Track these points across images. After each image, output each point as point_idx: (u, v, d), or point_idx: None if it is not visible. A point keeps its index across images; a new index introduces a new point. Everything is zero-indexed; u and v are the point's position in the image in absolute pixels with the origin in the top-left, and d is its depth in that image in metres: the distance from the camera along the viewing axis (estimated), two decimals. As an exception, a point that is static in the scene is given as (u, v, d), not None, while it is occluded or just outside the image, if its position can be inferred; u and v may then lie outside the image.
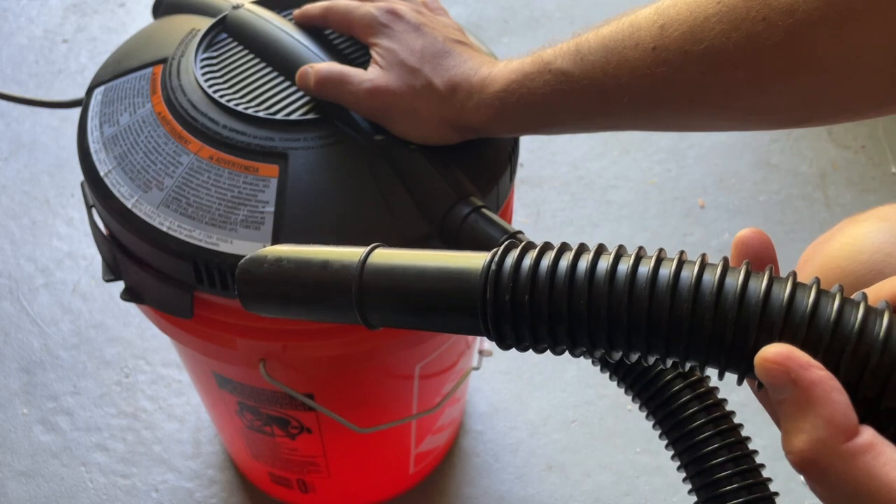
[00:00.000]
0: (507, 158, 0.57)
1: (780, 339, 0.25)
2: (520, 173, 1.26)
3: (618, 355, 0.29)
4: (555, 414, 1.00)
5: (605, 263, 0.28)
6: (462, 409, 0.97)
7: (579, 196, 1.24)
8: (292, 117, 0.54)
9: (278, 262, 0.35)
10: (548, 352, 0.30)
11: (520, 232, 0.48)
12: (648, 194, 1.25)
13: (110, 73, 0.61)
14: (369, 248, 0.33)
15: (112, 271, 0.59)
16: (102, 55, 1.44)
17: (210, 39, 0.60)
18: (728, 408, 0.39)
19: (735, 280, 0.26)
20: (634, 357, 0.28)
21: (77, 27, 1.54)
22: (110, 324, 1.08)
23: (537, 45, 0.49)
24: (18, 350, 1.06)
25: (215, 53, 0.60)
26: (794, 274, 0.26)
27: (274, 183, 0.51)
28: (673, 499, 0.93)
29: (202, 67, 0.58)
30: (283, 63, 0.58)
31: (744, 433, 0.38)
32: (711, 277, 0.26)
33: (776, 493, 0.37)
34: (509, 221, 0.56)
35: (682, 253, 0.28)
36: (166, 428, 0.98)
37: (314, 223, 0.50)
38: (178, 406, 1.00)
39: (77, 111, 0.62)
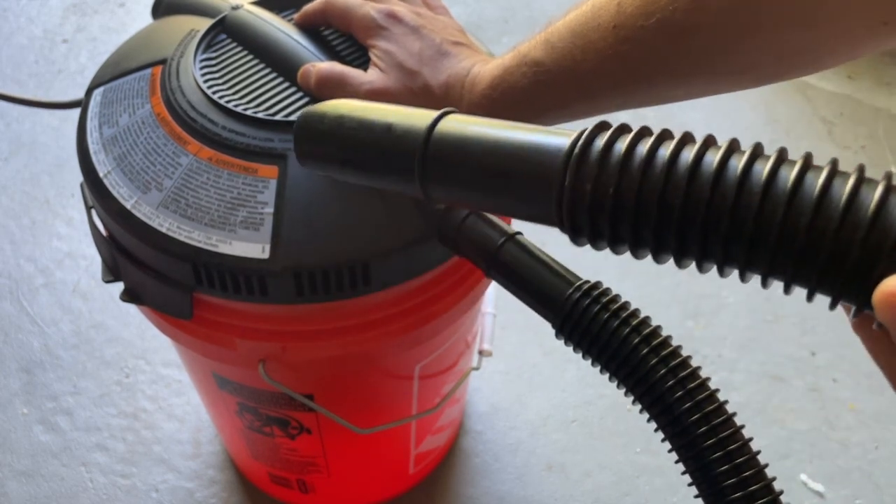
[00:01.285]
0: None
1: None
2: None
3: (709, 267, 0.24)
4: (555, 414, 1.00)
5: (712, 157, 0.23)
6: (462, 410, 0.97)
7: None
8: (292, 118, 0.54)
9: (339, 119, 0.32)
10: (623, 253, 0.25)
11: (519, 233, 0.48)
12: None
13: (110, 74, 0.61)
14: (440, 112, 0.30)
15: (111, 272, 0.59)
16: (102, 55, 1.44)
17: (209, 40, 0.60)
18: (728, 408, 0.38)
19: (872, 193, 0.21)
20: (729, 271, 0.24)
21: (77, 27, 1.54)
22: (110, 324, 1.08)
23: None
24: (18, 350, 1.06)
25: (214, 54, 0.59)
26: None
27: (273, 184, 0.51)
28: (673, 499, 0.93)
29: (201, 68, 0.58)
30: (282, 64, 0.57)
31: (744, 432, 0.38)
32: (842, 186, 0.22)
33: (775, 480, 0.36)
34: (508, 223, 0.56)
35: (808, 155, 0.23)
36: (166, 428, 0.98)
37: (313, 224, 0.50)
38: (178, 406, 1.00)
39: (77, 111, 0.62)
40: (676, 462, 0.38)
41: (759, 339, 1.04)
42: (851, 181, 0.22)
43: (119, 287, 0.59)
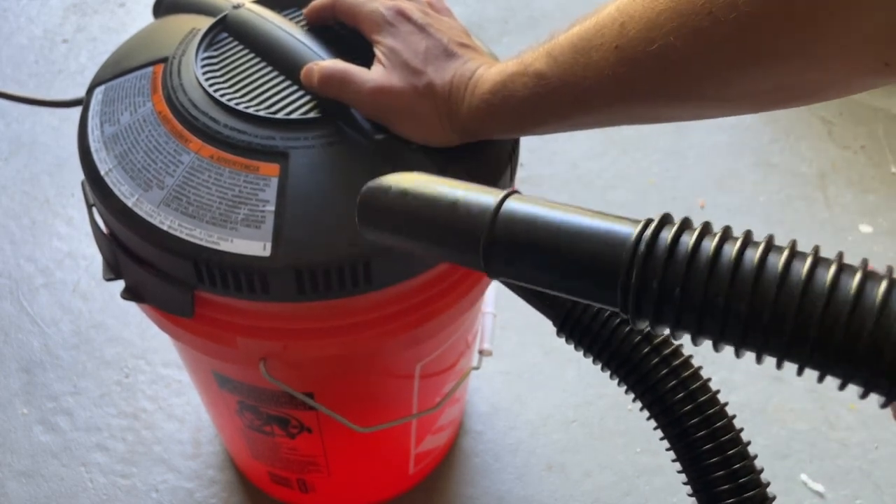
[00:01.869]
0: (507, 158, 0.57)
1: None
2: (520, 173, 1.26)
3: (765, 359, 0.27)
4: (555, 414, 1.00)
5: (776, 260, 0.25)
6: (462, 409, 0.97)
7: (579, 196, 1.25)
8: (293, 116, 0.54)
9: (403, 194, 0.33)
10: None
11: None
12: (648, 194, 1.25)
13: (111, 73, 0.61)
14: (506, 192, 0.31)
15: (112, 270, 0.59)
16: (102, 55, 1.44)
17: (211, 39, 0.60)
18: (729, 409, 0.38)
19: None
20: (776, 361, 0.27)
21: (77, 27, 1.54)
22: (110, 324, 1.08)
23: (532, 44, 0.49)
24: (18, 350, 1.06)
25: (216, 53, 0.60)
26: None
27: (274, 182, 0.51)
28: (673, 499, 0.93)
29: (203, 67, 0.58)
30: (283, 62, 0.58)
31: (745, 433, 0.38)
32: (875, 289, 0.24)
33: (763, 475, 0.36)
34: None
35: (840, 255, 0.26)
36: (166, 428, 0.98)
37: (315, 222, 0.50)
38: (178, 406, 1.00)
39: (77, 111, 0.62)
40: (674, 461, 0.38)
41: (759, 339, 1.03)
42: (884, 286, 0.24)
43: (120, 286, 0.59)
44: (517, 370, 1.04)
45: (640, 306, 0.28)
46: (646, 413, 0.39)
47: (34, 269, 1.14)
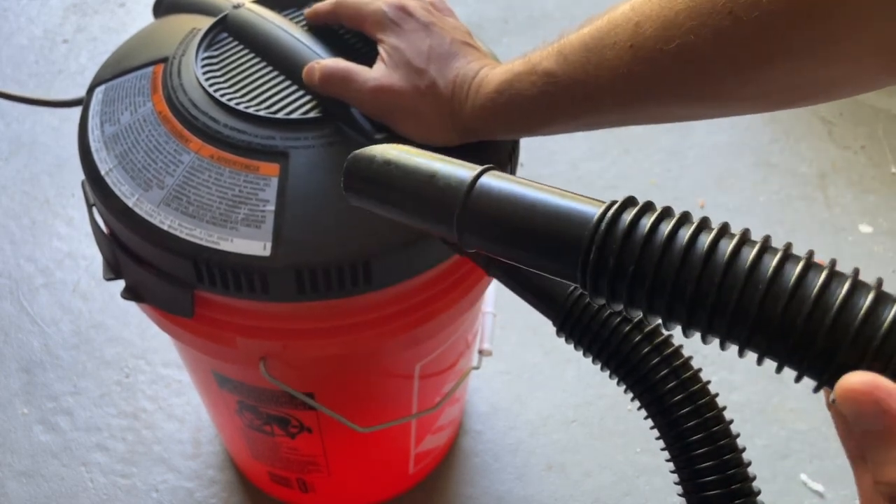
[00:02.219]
0: (507, 158, 0.57)
1: (873, 361, 0.24)
2: (520, 173, 1.25)
3: (706, 337, 0.28)
4: (555, 414, 1.00)
5: (726, 244, 0.27)
6: (462, 409, 0.97)
7: (579, 196, 1.24)
8: (293, 116, 0.54)
9: (386, 164, 0.35)
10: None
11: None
12: (649, 194, 1.24)
13: (111, 72, 0.61)
14: (482, 168, 0.33)
15: (112, 270, 0.59)
16: (102, 55, 1.44)
17: (211, 39, 0.60)
18: (729, 409, 0.38)
19: (840, 286, 0.25)
20: (710, 339, 0.28)
21: (77, 27, 1.54)
22: (110, 324, 1.08)
23: (537, 45, 0.49)
24: (18, 350, 1.06)
25: (216, 53, 0.60)
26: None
27: (275, 182, 0.51)
28: (673, 499, 0.93)
29: (203, 66, 0.58)
30: (283, 62, 0.58)
31: (744, 433, 0.38)
32: (816, 279, 0.25)
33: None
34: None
35: (788, 245, 0.27)
36: (166, 428, 0.98)
37: (315, 222, 0.50)
38: (178, 406, 1.00)
39: (77, 111, 0.62)
40: (668, 461, 0.38)
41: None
42: (823, 276, 0.25)
43: (120, 286, 0.59)
44: (517, 370, 1.04)
45: (597, 283, 0.29)
46: (645, 413, 0.39)
47: (34, 269, 1.14)
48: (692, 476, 0.37)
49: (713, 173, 1.29)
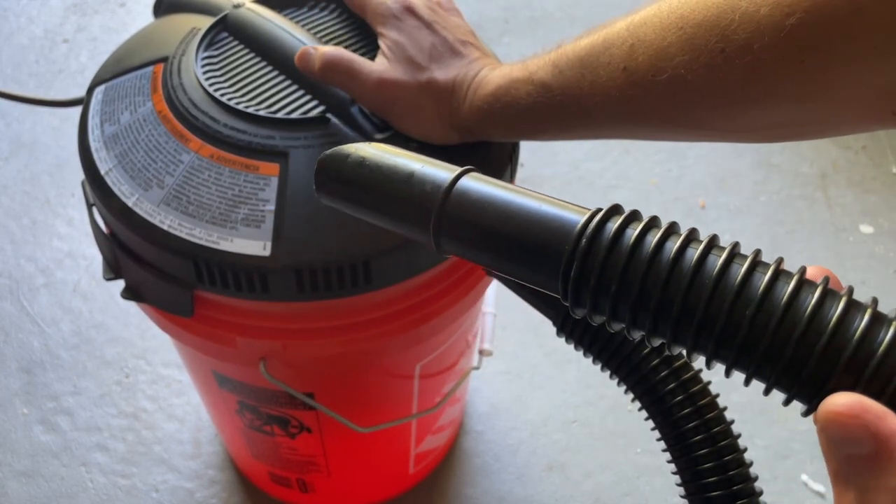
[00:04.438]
0: (507, 158, 0.57)
1: (867, 385, 0.23)
2: (520, 173, 1.26)
3: (692, 354, 0.27)
4: (555, 414, 1.00)
5: (715, 259, 0.25)
6: (462, 409, 0.97)
7: (580, 196, 1.24)
8: (293, 116, 0.54)
9: (361, 163, 0.33)
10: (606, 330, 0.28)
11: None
12: (649, 194, 1.25)
13: (111, 72, 0.61)
14: (462, 169, 0.31)
15: (112, 270, 0.59)
16: (103, 55, 1.44)
17: (211, 38, 0.60)
18: (730, 409, 0.38)
19: (834, 306, 0.24)
20: (696, 357, 0.27)
21: (77, 27, 1.54)
22: (110, 324, 1.08)
23: (537, 45, 0.49)
24: (18, 350, 1.06)
25: (216, 52, 0.60)
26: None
27: (274, 181, 0.51)
28: (673, 499, 0.93)
29: (203, 66, 0.58)
30: (284, 62, 0.57)
31: (745, 433, 0.38)
32: (808, 298, 0.24)
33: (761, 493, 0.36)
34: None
35: (779, 261, 0.26)
36: (166, 428, 0.98)
37: (315, 222, 0.50)
38: (178, 406, 1.00)
39: (77, 111, 0.62)
40: (669, 462, 0.38)
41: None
42: (817, 294, 0.24)
43: (120, 285, 0.59)
44: (517, 370, 1.04)
45: (579, 296, 0.28)
46: (646, 414, 0.39)
47: (34, 269, 1.14)
48: (694, 477, 0.36)
49: (714, 173, 1.29)
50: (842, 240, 1.20)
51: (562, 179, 1.27)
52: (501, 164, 0.56)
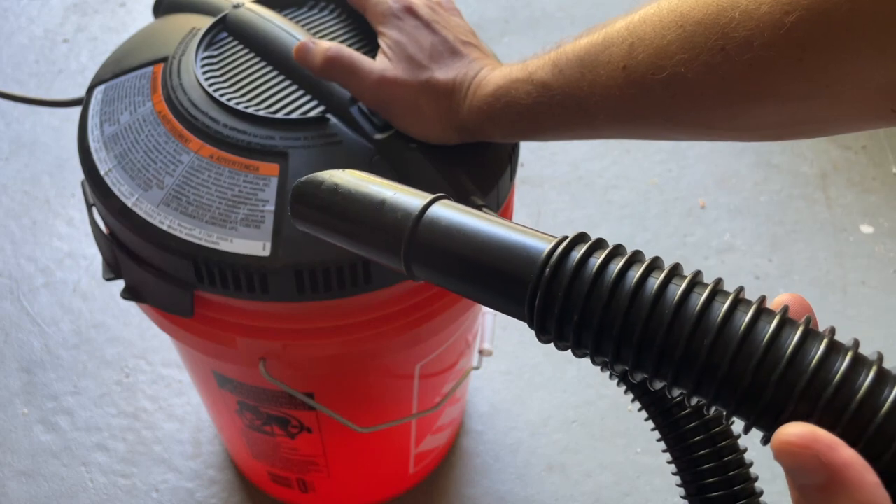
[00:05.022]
0: (507, 158, 0.57)
1: (818, 412, 0.23)
2: (520, 173, 1.26)
3: (653, 382, 0.28)
4: (555, 414, 1.00)
5: (675, 288, 0.26)
6: (462, 409, 0.97)
7: (580, 196, 1.24)
8: (293, 116, 0.54)
9: (334, 189, 0.33)
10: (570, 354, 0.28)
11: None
12: (649, 194, 1.25)
13: (111, 72, 0.61)
14: (432, 197, 0.32)
15: (112, 270, 0.59)
16: (103, 55, 1.44)
17: (210, 38, 0.60)
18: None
19: (792, 335, 0.24)
20: (657, 384, 0.27)
21: (77, 27, 1.54)
22: (111, 324, 1.08)
23: (537, 44, 0.49)
24: (19, 350, 1.06)
25: (216, 52, 0.59)
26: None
27: (274, 182, 0.51)
28: (673, 499, 0.93)
29: (203, 66, 0.58)
30: (283, 62, 0.58)
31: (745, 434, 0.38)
32: (766, 329, 0.24)
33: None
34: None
35: (739, 290, 0.26)
36: (166, 428, 0.98)
37: (314, 222, 0.50)
38: (178, 406, 1.00)
39: (77, 110, 0.62)
40: (670, 462, 0.38)
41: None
42: (775, 322, 0.24)
43: (120, 286, 0.59)
44: (517, 370, 1.04)
45: (544, 324, 0.28)
46: (646, 414, 0.39)
47: (34, 269, 1.14)
48: (694, 478, 0.36)
49: (714, 173, 1.29)
50: (842, 240, 1.20)
51: (562, 179, 1.27)
52: (501, 164, 0.56)
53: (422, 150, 0.53)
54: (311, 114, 0.55)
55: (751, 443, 0.38)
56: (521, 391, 1.02)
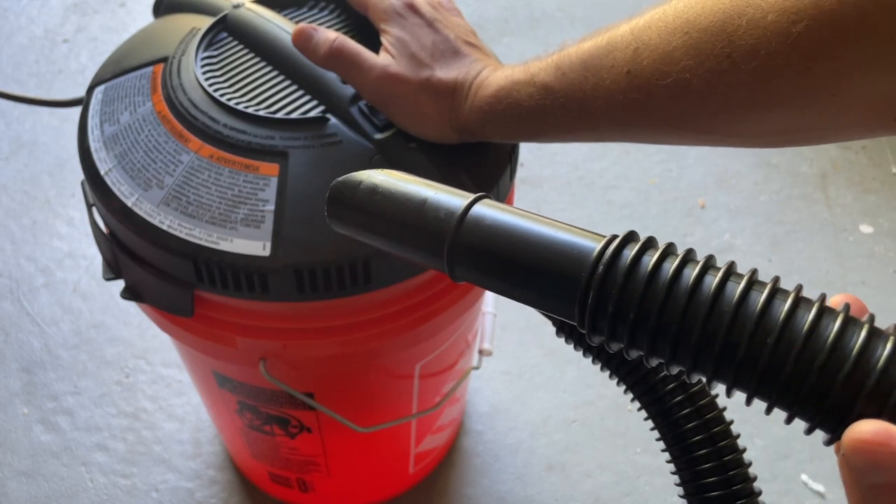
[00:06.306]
0: (507, 158, 0.57)
1: (888, 412, 0.22)
2: (520, 173, 1.26)
3: (711, 384, 0.27)
4: (555, 414, 1.00)
5: (734, 287, 0.25)
6: (462, 409, 0.97)
7: (580, 196, 1.24)
8: (292, 116, 0.54)
9: (373, 190, 0.33)
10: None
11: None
12: (649, 194, 1.25)
13: (111, 72, 0.61)
14: (475, 196, 0.31)
15: (112, 270, 0.59)
16: (103, 55, 1.44)
17: (210, 38, 0.60)
18: (729, 409, 0.38)
19: (857, 334, 0.23)
20: (715, 386, 0.27)
21: (77, 27, 1.54)
22: (110, 324, 1.08)
23: (537, 44, 0.49)
24: (19, 350, 1.06)
25: (216, 52, 0.60)
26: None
27: (274, 181, 0.51)
28: (673, 499, 0.93)
29: (203, 66, 0.58)
30: (283, 62, 0.58)
31: (745, 433, 0.38)
32: (830, 325, 0.24)
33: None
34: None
35: (798, 288, 0.25)
36: (166, 428, 0.98)
37: (314, 222, 0.50)
38: (178, 406, 1.00)
39: (77, 110, 0.62)
40: (669, 462, 0.38)
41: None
42: (839, 321, 0.24)
43: (120, 285, 0.59)
44: (517, 370, 1.04)
45: (596, 324, 0.28)
46: (645, 414, 0.39)
47: (34, 269, 1.14)
48: (693, 477, 0.36)
49: (714, 173, 1.29)
50: (842, 240, 1.20)
51: (561, 179, 1.27)
52: (501, 163, 0.56)
53: (421, 149, 0.53)
54: (311, 114, 0.55)
55: (750, 443, 0.38)
56: (521, 391, 1.02)
